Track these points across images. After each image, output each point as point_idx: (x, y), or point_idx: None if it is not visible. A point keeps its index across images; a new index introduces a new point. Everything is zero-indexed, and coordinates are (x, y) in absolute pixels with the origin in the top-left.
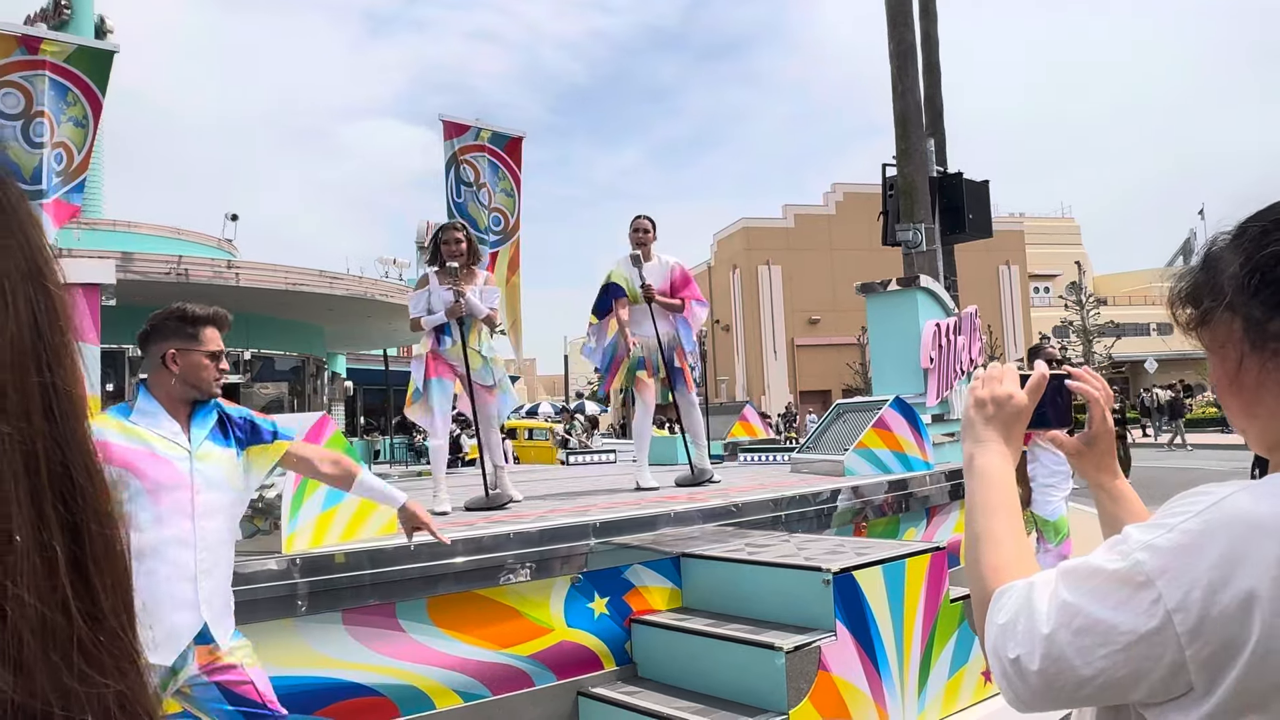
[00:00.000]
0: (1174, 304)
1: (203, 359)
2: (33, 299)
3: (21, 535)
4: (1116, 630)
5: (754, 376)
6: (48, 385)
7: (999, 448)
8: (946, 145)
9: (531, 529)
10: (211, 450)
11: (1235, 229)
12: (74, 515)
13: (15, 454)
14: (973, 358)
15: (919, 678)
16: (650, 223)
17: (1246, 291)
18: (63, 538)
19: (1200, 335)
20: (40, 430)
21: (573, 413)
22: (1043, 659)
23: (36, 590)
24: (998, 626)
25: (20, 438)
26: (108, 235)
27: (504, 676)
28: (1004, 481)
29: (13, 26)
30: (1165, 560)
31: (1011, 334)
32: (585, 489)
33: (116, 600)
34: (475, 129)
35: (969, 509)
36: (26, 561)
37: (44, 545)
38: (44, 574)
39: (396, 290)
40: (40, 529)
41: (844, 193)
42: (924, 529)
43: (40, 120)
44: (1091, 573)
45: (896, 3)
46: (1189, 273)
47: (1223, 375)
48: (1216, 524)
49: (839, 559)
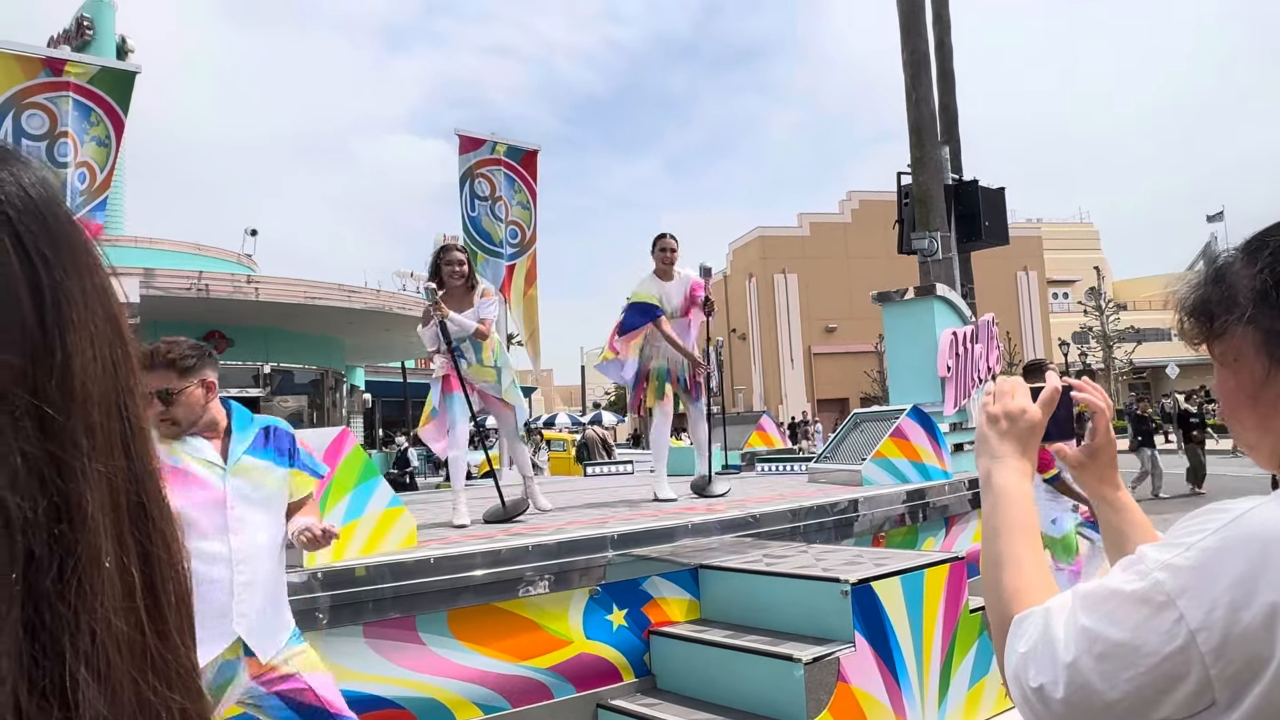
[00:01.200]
0: (1181, 315)
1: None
2: (113, 343)
3: (110, 561)
4: (1140, 652)
5: (771, 385)
6: (125, 424)
7: (1016, 463)
8: (961, 152)
9: (550, 541)
10: (251, 464)
11: (1249, 242)
12: (146, 543)
13: (104, 489)
14: (990, 366)
15: (939, 688)
16: (676, 242)
17: (1268, 304)
18: (138, 563)
19: (1211, 348)
20: (120, 466)
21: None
22: (1067, 687)
23: (121, 611)
24: (1018, 654)
25: (108, 473)
26: (129, 251)
27: (523, 689)
28: (1023, 499)
29: (37, 49)
30: (1185, 579)
31: (1030, 341)
32: (604, 500)
33: (181, 619)
34: (491, 143)
35: (987, 528)
36: (112, 586)
37: (125, 570)
38: (124, 596)
39: (414, 303)
40: (123, 556)
41: (859, 200)
42: (943, 538)
43: (64, 140)
44: (1109, 595)
45: (910, 10)
46: (1196, 284)
47: (1236, 388)
48: (1235, 540)
49: (857, 570)
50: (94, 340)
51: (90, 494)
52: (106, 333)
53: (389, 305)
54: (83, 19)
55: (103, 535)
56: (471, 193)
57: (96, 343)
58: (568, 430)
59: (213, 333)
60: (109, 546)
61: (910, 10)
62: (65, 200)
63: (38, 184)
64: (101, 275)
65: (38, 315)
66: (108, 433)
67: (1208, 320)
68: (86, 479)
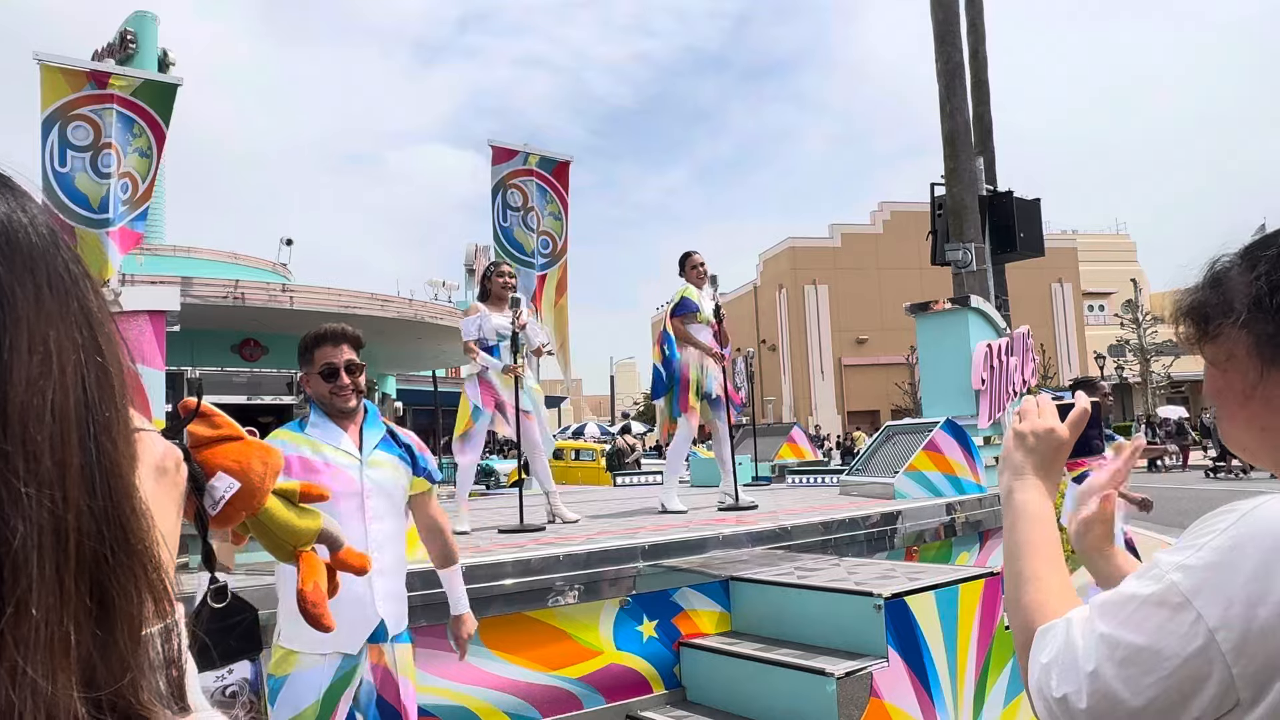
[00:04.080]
0: (1178, 317)
1: (317, 378)
2: (84, 369)
3: (38, 609)
4: (1161, 656)
5: (801, 396)
6: (91, 459)
7: (1037, 482)
8: (996, 163)
9: (580, 551)
10: (382, 458)
11: (1247, 249)
12: (102, 598)
13: (45, 525)
14: (1025, 379)
15: (974, 706)
16: (700, 256)
17: (1263, 309)
18: (85, 621)
19: (1204, 350)
20: (76, 504)
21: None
22: (1090, 696)
23: (51, 671)
24: (1041, 665)
25: (51, 506)
26: (168, 260)
27: (553, 698)
28: (1044, 516)
29: (83, 63)
30: (1200, 579)
31: (1065, 354)
32: (633, 509)
33: (143, 679)
34: (524, 154)
35: (1009, 545)
36: (40, 635)
37: (60, 621)
38: (57, 653)
39: (446, 312)
40: (61, 606)
41: (891, 211)
42: (977, 553)
43: (108, 152)
44: (1126, 600)
45: (944, 20)
46: (1194, 289)
47: (1225, 387)
48: (1246, 537)
49: (891, 584)
50: (52, 361)
51: (22, 526)
52: (75, 358)
53: (421, 315)
54: (126, 33)
55: (33, 577)
56: (504, 203)
57: (54, 365)
58: (596, 440)
59: (248, 340)
60: (42, 592)
61: (945, 20)
62: (36, 214)
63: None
64: (86, 305)
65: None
66: (59, 462)
67: (1203, 323)
68: (19, 509)
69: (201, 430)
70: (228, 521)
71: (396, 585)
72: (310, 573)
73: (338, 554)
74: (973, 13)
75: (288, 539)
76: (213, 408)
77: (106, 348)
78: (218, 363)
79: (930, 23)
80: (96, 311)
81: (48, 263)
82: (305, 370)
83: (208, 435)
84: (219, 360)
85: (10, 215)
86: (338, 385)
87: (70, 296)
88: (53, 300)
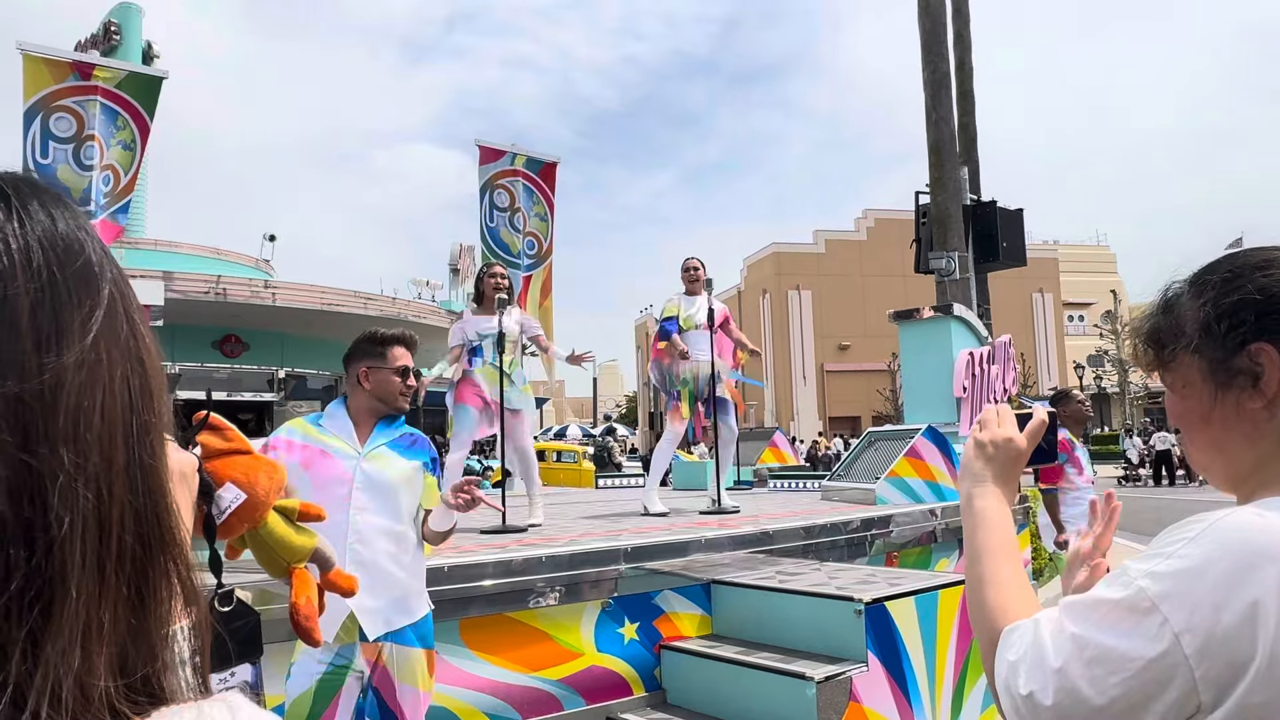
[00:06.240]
0: (1135, 342)
1: (390, 375)
2: (130, 377)
3: (79, 594)
4: (1126, 657)
5: (783, 402)
6: (134, 460)
7: (996, 489)
8: (980, 173)
9: (562, 553)
10: (388, 456)
11: (1195, 276)
12: (139, 588)
13: (90, 517)
14: (1006, 387)
15: (951, 711)
16: (700, 263)
17: (1211, 335)
18: (122, 609)
19: (1163, 375)
20: (120, 499)
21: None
22: (1056, 693)
23: (84, 649)
24: (1008, 663)
25: (96, 501)
26: (150, 255)
27: (533, 700)
28: (1003, 523)
29: (66, 53)
30: (1167, 585)
31: (1045, 363)
32: (615, 512)
33: (169, 668)
34: (510, 154)
35: (970, 551)
36: (80, 618)
37: (99, 608)
38: (93, 639)
39: (429, 311)
40: (101, 593)
41: (875, 218)
42: (956, 559)
43: (91, 144)
44: (1095, 604)
45: (931, 30)
46: (1150, 314)
47: (1185, 411)
48: (1213, 544)
49: (871, 589)
50: (103, 368)
51: (69, 517)
52: (124, 367)
53: (404, 313)
54: (110, 24)
55: (75, 565)
56: (491, 204)
57: (104, 373)
58: (579, 442)
59: (229, 336)
60: (82, 579)
61: (932, 30)
62: (91, 233)
63: (68, 221)
64: (131, 317)
65: (35, 337)
66: (107, 460)
67: (1159, 348)
68: (66, 501)
69: (213, 442)
70: (230, 532)
71: (383, 581)
72: (303, 588)
73: (328, 574)
74: (959, 24)
75: (284, 555)
76: (223, 420)
77: (147, 358)
78: (198, 358)
79: (917, 32)
80: (139, 323)
81: (102, 277)
82: (371, 363)
83: (219, 448)
84: (199, 356)
85: (72, 232)
86: (407, 385)
87: (119, 309)
88: (105, 312)
